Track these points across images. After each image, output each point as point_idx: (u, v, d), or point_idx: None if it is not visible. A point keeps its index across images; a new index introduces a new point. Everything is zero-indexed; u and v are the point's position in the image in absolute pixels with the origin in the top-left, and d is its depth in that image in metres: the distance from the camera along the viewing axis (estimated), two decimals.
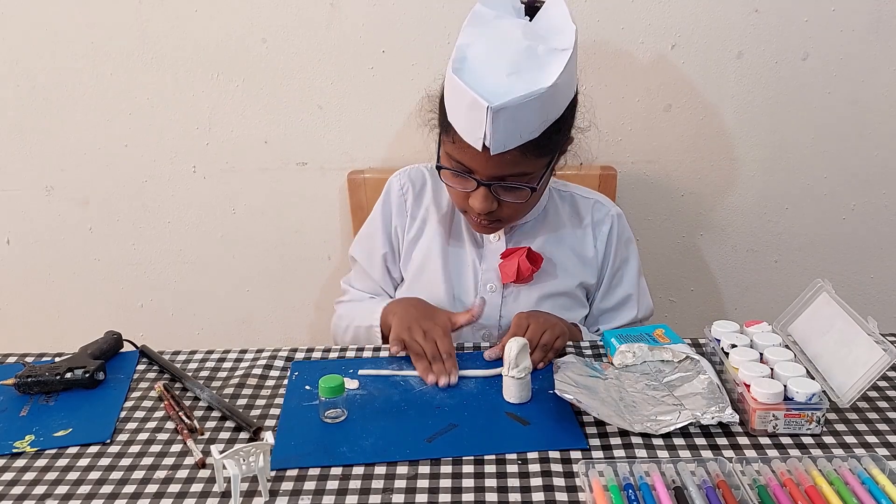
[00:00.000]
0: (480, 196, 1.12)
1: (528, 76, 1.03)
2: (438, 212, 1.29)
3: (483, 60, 1.06)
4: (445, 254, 1.28)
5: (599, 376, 1.03)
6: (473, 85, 1.03)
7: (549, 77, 1.03)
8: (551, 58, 1.06)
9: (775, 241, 1.68)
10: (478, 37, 1.08)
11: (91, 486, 0.86)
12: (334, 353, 1.15)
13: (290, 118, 1.58)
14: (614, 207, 1.33)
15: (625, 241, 1.32)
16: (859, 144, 1.59)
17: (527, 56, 1.05)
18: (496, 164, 1.08)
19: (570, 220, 1.30)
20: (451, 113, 1.09)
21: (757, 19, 1.50)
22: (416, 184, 1.31)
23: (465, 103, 1.03)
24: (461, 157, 1.11)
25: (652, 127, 1.58)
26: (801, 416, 0.91)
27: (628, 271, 1.32)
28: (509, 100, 1.01)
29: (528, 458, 0.88)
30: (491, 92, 1.02)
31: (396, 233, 1.32)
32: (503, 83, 1.03)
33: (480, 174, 1.11)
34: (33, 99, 1.57)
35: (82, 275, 1.71)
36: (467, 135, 1.06)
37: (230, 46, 1.52)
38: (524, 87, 1.02)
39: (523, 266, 1.20)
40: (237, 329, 1.76)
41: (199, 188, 1.64)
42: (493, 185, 1.12)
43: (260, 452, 0.82)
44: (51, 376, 1.04)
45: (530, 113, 1.04)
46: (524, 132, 1.05)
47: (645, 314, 1.33)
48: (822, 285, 1.07)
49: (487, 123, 1.02)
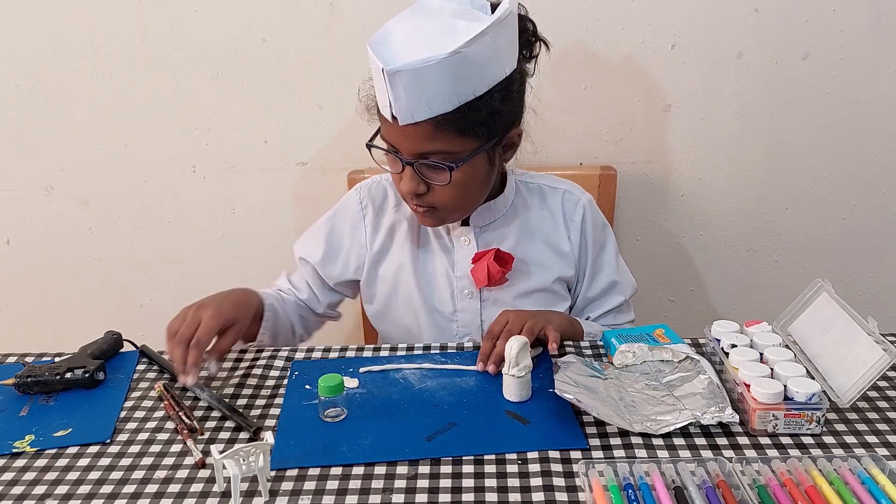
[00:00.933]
0: (406, 176, 1.11)
1: (434, 43, 1.00)
2: (405, 224, 1.26)
3: (402, 29, 1.05)
4: (416, 266, 1.25)
5: (599, 376, 1.03)
6: (376, 50, 1.02)
7: (454, 44, 0.99)
8: (466, 23, 1.03)
9: (775, 241, 1.68)
10: (408, 18, 1.07)
11: (91, 486, 0.86)
12: (334, 353, 1.15)
13: (290, 118, 1.58)
14: (584, 194, 1.28)
15: (600, 228, 1.28)
16: (859, 144, 1.59)
17: (444, 24, 1.03)
18: (413, 139, 1.07)
19: (540, 212, 1.26)
20: (375, 86, 1.08)
21: (757, 19, 1.50)
22: (377, 199, 1.29)
23: (376, 71, 1.03)
24: (386, 134, 1.11)
25: (652, 127, 1.58)
26: (801, 416, 0.91)
27: (607, 256, 1.29)
28: (405, 62, 0.99)
29: (528, 457, 0.88)
30: (393, 56, 1.01)
31: (348, 251, 1.29)
32: (408, 50, 1.01)
33: (403, 151, 1.10)
34: (33, 99, 1.57)
35: (82, 275, 1.72)
36: (381, 104, 1.07)
37: (230, 46, 1.52)
38: (426, 48, 1.00)
39: (493, 269, 1.18)
40: None
41: (199, 188, 1.64)
42: (417, 164, 1.09)
43: (260, 452, 0.82)
44: (51, 376, 1.04)
45: (434, 81, 1.00)
46: (432, 103, 1.02)
47: (630, 294, 1.32)
48: (822, 285, 1.07)
49: (388, 88, 1.01)
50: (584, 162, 1.60)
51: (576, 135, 1.58)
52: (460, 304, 1.25)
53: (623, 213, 1.63)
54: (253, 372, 1.09)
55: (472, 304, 1.25)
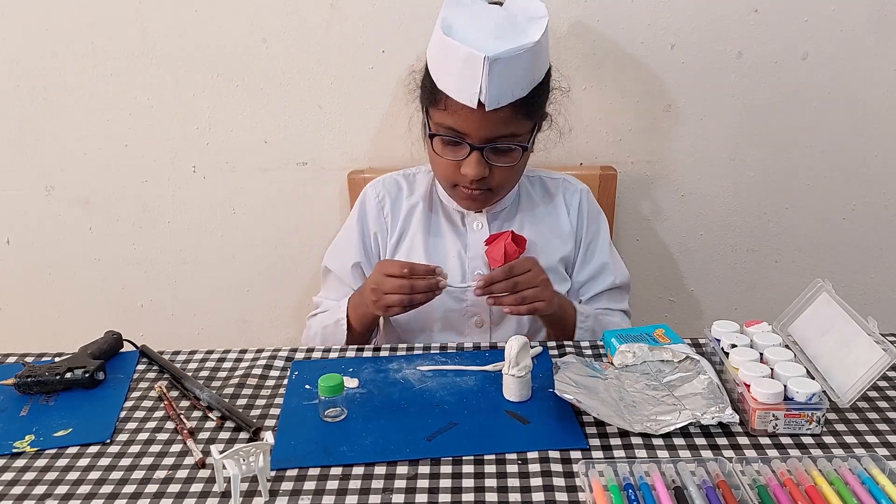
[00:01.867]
0: (473, 161, 1.16)
1: (512, 37, 1.11)
2: (416, 212, 1.32)
3: (469, 26, 1.12)
4: (428, 249, 1.30)
5: (599, 376, 1.03)
6: (465, 41, 1.09)
7: (534, 35, 1.11)
8: (531, 24, 1.14)
9: (775, 241, 1.68)
10: (459, 12, 1.15)
11: (91, 486, 0.86)
12: (334, 353, 1.15)
13: (290, 118, 1.58)
14: (581, 184, 1.38)
15: (595, 214, 1.36)
16: (859, 144, 1.59)
17: (508, 23, 1.13)
18: (490, 124, 1.13)
19: (543, 199, 1.35)
20: (441, 79, 1.14)
21: (757, 19, 1.50)
22: (392, 191, 1.34)
23: (460, 59, 1.09)
24: (453, 123, 1.15)
25: (652, 127, 1.58)
26: (801, 416, 0.91)
27: (600, 243, 1.35)
28: (504, 51, 1.07)
29: (528, 457, 0.88)
30: (483, 47, 1.08)
31: (376, 240, 1.33)
32: (492, 42, 1.09)
33: (473, 137, 1.15)
34: (33, 99, 1.57)
35: (82, 275, 1.71)
36: (461, 93, 1.11)
37: (230, 46, 1.52)
38: (514, 40, 1.10)
39: (510, 249, 1.22)
40: (237, 329, 1.76)
41: (199, 188, 1.64)
42: (486, 149, 1.16)
43: (260, 452, 0.82)
44: (51, 376, 1.04)
45: (521, 68, 1.10)
46: (515, 88, 1.12)
47: (623, 280, 1.35)
48: (822, 285, 1.07)
49: (484, 75, 1.07)
50: (584, 162, 1.60)
51: (576, 135, 1.58)
52: None
53: (623, 213, 1.63)
54: (253, 372, 1.09)
55: None
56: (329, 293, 1.36)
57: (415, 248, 1.30)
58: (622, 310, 1.35)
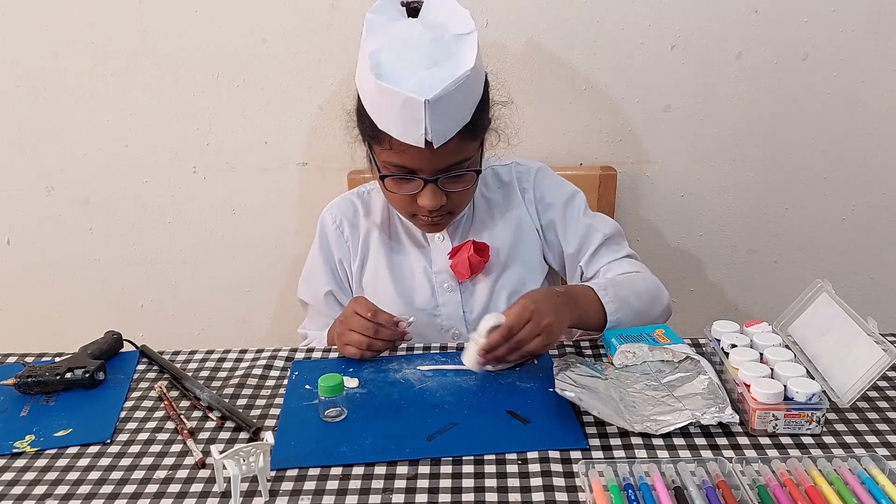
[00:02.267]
0: (429, 194, 1.13)
1: (446, 64, 1.05)
2: (376, 230, 1.29)
3: (398, 60, 1.06)
4: (392, 271, 1.28)
5: (599, 376, 1.03)
6: (400, 85, 1.03)
7: (468, 60, 1.06)
8: (460, 42, 1.08)
9: (775, 241, 1.68)
10: (382, 40, 1.09)
11: (91, 486, 0.86)
12: (334, 353, 1.15)
13: (290, 118, 1.58)
14: (533, 164, 1.32)
15: (555, 189, 1.30)
16: (859, 144, 1.59)
17: (436, 47, 1.07)
18: (440, 157, 1.10)
19: (495, 191, 1.30)
20: (381, 121, 1.08)
21: (757, 20, 1.50)
22: (349, 214, 1.31)
23: (398, 104, 1.03)
24: (402, 161, 1.12)
25: (652, 127, 1.58)
26: (801, 416, 0.91)
27: (574, 209, 1.29)
28: (442, 89, 1.02)
29: (528, 457, 0.88)
30: (420, 87, 1.02)
31: (342, 265, 1.31)
32: (426, 76, 1.04)
33: (425, 171, 1.12)
34: (33, 99, 1.57)
35: (82, 275, 1.72)
36: (406, 136, 1.06)
37: (230, 46, 1.52)
38: (448, 74, 1.04)
39: (473, 260, 1.22)
40: (237, 329, 1.76)
41: (199, 188, 1.64)
42: (440, 179, 1.12)
43: (260, 452, 0.82)
44: (51, 376, 1.04)
45: (461, 97, 1.06)
46: (459, 118, 1.07)
47: (612, 230, 1.29)
48: (822, 285, 1.07)
49: (427, 117, 1.02)
50: (584, 162, 1.60)
51: (576, 135, 1.58)
52: (441, 299, 1.27)
53: (623, 213, 1.63)
54: (253, 372, 1.09)
55: (453, 297, 1.27)
56: (311, 324, 1.34)
57: (379, 272, 1.28)
58: (626, 255, 1.29)
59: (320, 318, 1.32)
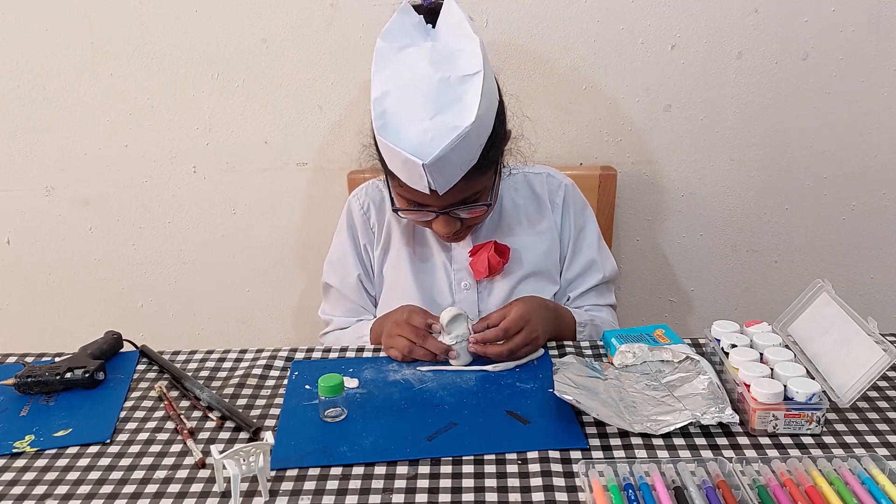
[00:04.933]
0: (442, 223, 1.15)
1: (450, 113, 1.03)
2: (399, 223, 1.30)
3: (402, 110, 1.05)
4: (414, 262, 1.29)
5: (599, 376, 1.03)
6: (400, 142, 1.03)
7: (471, 110, 1.02)
8: (466, 86, 1.04)
9: (775, 241, 1.68)
10: (389, 82, 1.06)
11: (91, 486, 0.86)
12: (334, 353, 1.15)
13: (290, 118, 1.58)
14: (566, 178, 1.34)
15: (580, 208, 1.33)
16: (859, 144, 1.59)
17: (442, 90, 1.04)
18: (448, 197, 1.11)
19: (526, 198, 1.32)
20: (389, 163, 1.09)
21: (757, 19, 1.50)
22: (376, 200, 1.33)
23: (400, 160, 1.04)
24: (412, 196, 1.13)
25: (652, 127, 1.58)
26: (801, 416, 0.91)
27: (587, 237, 1.33)
28: (441, 149, 1.01)
29: (528, 457, 0.88)
30: (420, 145, 1.02)
31: (366, 251, 1.33)
32: (429, 129, 1.02)
33: (435, 207, 1.13)
34: (33, 99, 1.57)
35: (82, 275, 1.72)
36: (412, 183, 1.07)
37: (230, 46, 1.52)
38: (450, 127, 1.02)
39: (493, 260, 1.23)
40: (237, 329, 1.77)
41: (199, 188, 1.64)
42: (451, 211, 1.14)
43: (260, 452, 0.82)
44: (51, 376, 1.04)
45: (464, 149, 1.04)
46: (463, 164, 1.07)
47: (611, 275, 1.34)
48: (822, 285, 1.07)
49: (427, 175, 1.03)
50: (584, 162, 1.60)
51: (576, 135, 1.58)
52: (458, 296, 1.28)
53: (623, 213, 1.63)
54: (253, 372, 1.09)
55: (469, 294, 1.28)
56: (335, 309, 1.35)
57: (401, 262, 1.29)
58: (609, 304, 1.35)
59: (346, 302, 1.33)
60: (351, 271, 1.32)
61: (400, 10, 1.11)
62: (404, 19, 1.11)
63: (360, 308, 1.34)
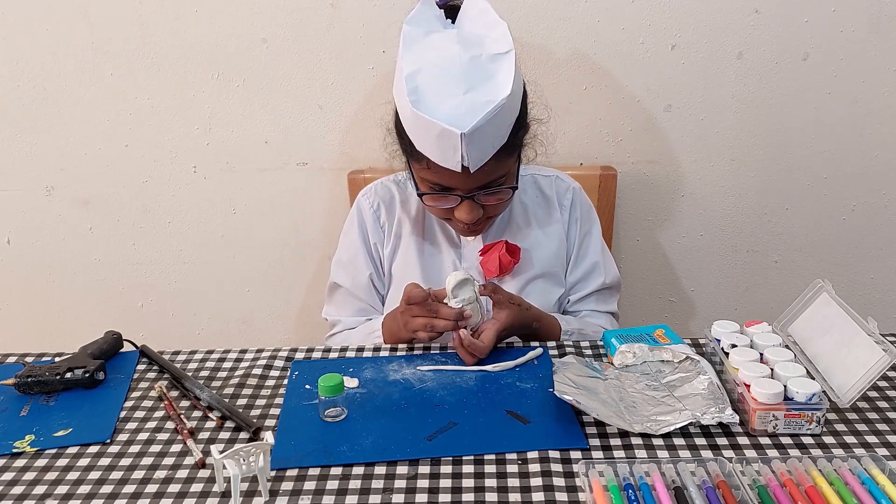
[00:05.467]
0: (466, 209, 1.16)
1: (483, 89, 1.06)
2: (409, 222, 1.31)
3: (435, 86, 1.07)
4: (423, 261, 1.29)
5: (599, 377, 1.03)
6: (436, 114, 1.04)
7: (505, 85, 1.06)
8: (498, 64, 1.08)
9: (775, 241, 1.68)
10: (419, 61, 1.08)
11: (91, 486, 0.86)
12: (334, 353, 1.15)
13: (290, 118, 1.58)
14: (573, 182, 1.36)
15: (586, 211, 1.35)
16: (859, 144, 1.59)
17: (474, 69, 1.07)
18: (476, 178, 1.11)
19: (535, 199, 1.33)
20: (419, 143, 1.10)
21: (757, 19, 1.50)
22: (386, 199, 1.33)
23: (434, 134, 1.05)
24: (439, 179, 1.13)
25: (652, 127, 1.58)
26: (801, 416, 0.91)
27: (593, 240, 1.34)
28: (478, 120, 1.03)
29: (528, 457, 0.88)
30: (456, 117, 1.04)
31: (376, 250, 1.33)
32: (463, 103, 1.05)
33: (462, 189, 1.14)
34: (33, 99, 1.57)
35: (82, 275, 1.72)
36: (444, 161, 1.08)
37: (230, 46, 1.52)
38: (485, 101, 1.04)
39: (504, 260, 1.23)
40: (237, 329, 1.77)
41: (199, 188, 1.64)
42: (477, 195, 1.15)
43: (260, 452, 0.82)
44: (51, 376, 1.04)
45: (497, 124, 1.07)
46: (496, 142, 1.09)
47: (613, 281, 1.34)
48: (822, 285, 1.07)
49: (463, 147, 1.04)
50: (584, 162, 1.60)
51: (576, 135, 1.58)
52: None
53: (623, 213, 1.63)
54: (253, 372, 1.09)
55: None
56: (342, 310, 1.34)
57: (410, 261, 1.29)
58: (610, 311, 1.35)
59: (356, 303, 1.33)
60: (363, 270, 1.32)
61: (423, 1, 1.14)
62: (427, 10, 1.15)
63: (370, 308, 1.33)
